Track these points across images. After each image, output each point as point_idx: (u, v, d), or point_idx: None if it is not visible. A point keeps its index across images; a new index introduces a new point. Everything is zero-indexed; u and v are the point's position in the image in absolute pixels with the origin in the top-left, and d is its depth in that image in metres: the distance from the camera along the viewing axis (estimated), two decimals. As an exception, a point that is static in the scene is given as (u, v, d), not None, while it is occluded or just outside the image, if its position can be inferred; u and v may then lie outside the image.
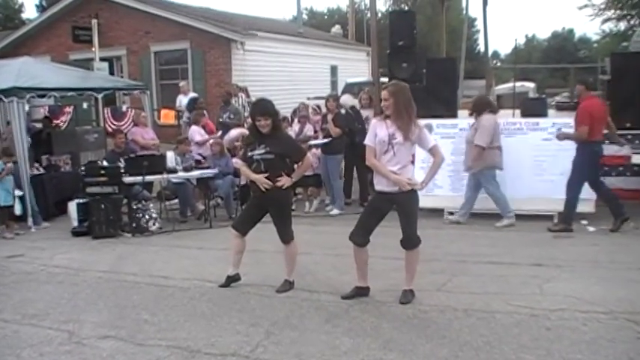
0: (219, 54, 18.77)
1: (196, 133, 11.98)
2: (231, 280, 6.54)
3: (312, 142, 10.76)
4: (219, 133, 12.42)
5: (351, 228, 5.96)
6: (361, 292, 6.05)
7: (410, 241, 5.80)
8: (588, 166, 8.61)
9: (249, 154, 6.29)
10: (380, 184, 5.80)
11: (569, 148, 9.14)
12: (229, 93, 14.71)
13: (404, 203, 5.73)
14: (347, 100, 11.54)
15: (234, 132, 11.98)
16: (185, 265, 7.64)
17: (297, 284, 6.44)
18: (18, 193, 9.96)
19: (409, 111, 5.65)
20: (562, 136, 8.83)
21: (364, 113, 11.36)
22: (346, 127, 10.51)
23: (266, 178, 6.15)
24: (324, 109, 11.18)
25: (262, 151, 6.18)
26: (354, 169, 11.11)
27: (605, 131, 8.85)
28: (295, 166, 6.44)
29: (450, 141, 9.81)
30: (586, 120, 8.43)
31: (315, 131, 11.15)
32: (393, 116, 5.65)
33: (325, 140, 10.51)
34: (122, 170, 9.82)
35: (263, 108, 6.24)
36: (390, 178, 5.64)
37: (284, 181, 6.20)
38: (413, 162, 5.94)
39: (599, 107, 8.67)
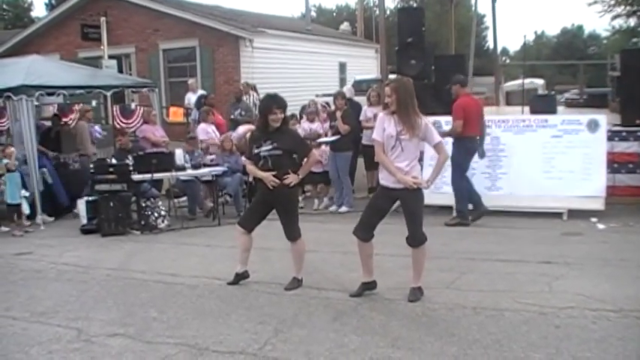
0: (228, 51, 18.77)
1: (202, 131, 11.98)
2: (240, 277, 6.55)
3: (322, 139, 10.75)
4: (230, 133, 12.42)
5: (354, 226, 5.95)
6: (368, 286, 6.04)
7: (415, 239, 5.77)
8: (464, 160, 8.93)
9: (256, 150, 6.26)
10: (385, 180, 5.78)
11: (579, 145, 9.14)
12: (240, 90, 14.73)
13: (408, 201, 5.71)
14: (346, 92, 11.63)
15: (242, 128, 11.98)
16: (193, 263, 7.65)
17: (305, 282, 6.43)
18: (24, 193, 10.00)
19: (412, 106, 5.63)
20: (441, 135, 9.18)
21: (373, 110, 11.34)
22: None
23: (273, 175, 6.14)
24: (332, 107, 11.17)
25: (269, 147, 6.15)
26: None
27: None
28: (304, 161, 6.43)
29: (459, 138, 9.76)
30: (459, 114, 8.81)
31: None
32: (398, 112, 5.64)
33: (334, 138, 10.50)
34: (131, 168, 9.84)
35: (280, 101, 6.22)
36: (397, 176, 5.62)
37: (292, 179, 6.19)
38: (421, 159, 5.92)
39: (473, 104, 9.07)
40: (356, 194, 11.25)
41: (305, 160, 6.42)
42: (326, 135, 10.88)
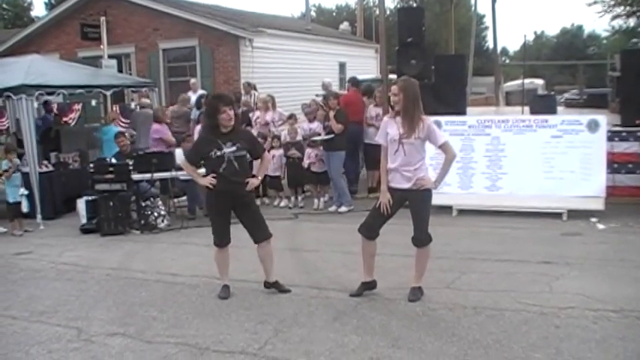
0: (228, 51, 18.74)
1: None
2: (227, 288, 6.29)
3: (316, 137, 10.73)
4: None
5: (359, 224, 5.95)
6: (368, 286, 6.03)
7: (420, 239, 5.77)
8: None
9: (218, 153, 5.94)
10: (394, 182, 5.76)
11: (580, 146, 9.13)
12: (239, 92, 14.77)
13: (416, 201, 5.70)
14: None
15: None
16: (193, 262, 7.64)
17: (305, 281, 6.45)
18: (23, 191, 9.99)
19: (417, 107, 5.62)
20: None
21: (375, 110, 11.40)
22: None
23: (237, 175, 5.98)
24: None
25: (234, 148, 5.96)
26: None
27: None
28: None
29: (459, 138, 9.75)
30: None
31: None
32: (402, 112, 5.62)
33: (328, 137, 10.47)
34: (131, 168, 9.82)
35: (226, 98, 6.08)
36: (382, 187, 5.79)
37: (255, 183, 6.18)
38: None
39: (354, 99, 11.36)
40: (358, 194, 11.27)
41: (260, 160, 6.40)
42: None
